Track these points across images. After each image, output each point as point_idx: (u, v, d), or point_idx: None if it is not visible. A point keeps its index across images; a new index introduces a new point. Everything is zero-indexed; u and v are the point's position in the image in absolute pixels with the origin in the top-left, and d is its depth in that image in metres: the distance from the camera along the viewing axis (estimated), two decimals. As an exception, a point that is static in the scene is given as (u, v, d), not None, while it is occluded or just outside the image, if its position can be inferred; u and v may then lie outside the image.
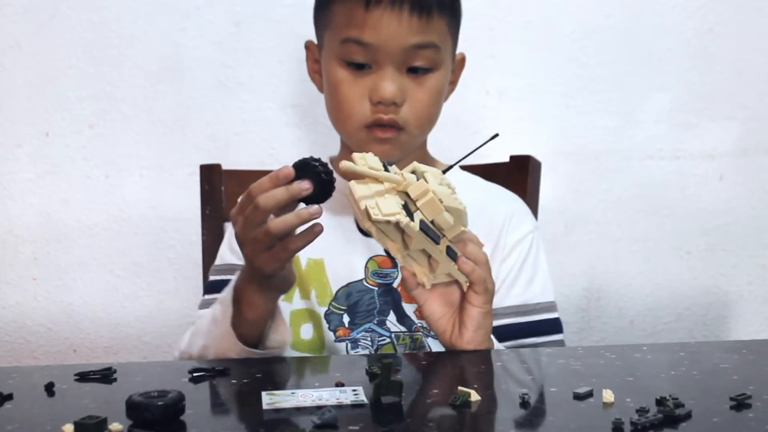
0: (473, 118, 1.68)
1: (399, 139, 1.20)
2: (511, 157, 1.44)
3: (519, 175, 1.41)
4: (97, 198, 1.68)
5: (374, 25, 1.15)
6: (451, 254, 1.01)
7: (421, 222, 0.96)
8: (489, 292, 1.05)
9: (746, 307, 1.76)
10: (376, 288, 1.22)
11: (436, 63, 1.20)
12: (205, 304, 1.26)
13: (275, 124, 1.67)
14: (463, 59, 1.31)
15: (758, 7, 1.69)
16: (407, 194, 0.96)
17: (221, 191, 1.44)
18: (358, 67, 1.18)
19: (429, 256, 1.01)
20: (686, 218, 1.73)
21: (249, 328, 1.07)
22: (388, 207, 0.93)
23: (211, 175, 1.45)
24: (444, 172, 1.01)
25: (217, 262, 1.30)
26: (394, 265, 1.22)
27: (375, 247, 1.23)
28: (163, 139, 1.67)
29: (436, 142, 1.37)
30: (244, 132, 1.67)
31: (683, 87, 1.70)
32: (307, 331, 1.23)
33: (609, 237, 1.73)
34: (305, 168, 0.96)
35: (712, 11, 1.68)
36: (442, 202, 0.96)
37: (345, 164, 0.94)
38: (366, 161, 0.97)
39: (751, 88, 1.71)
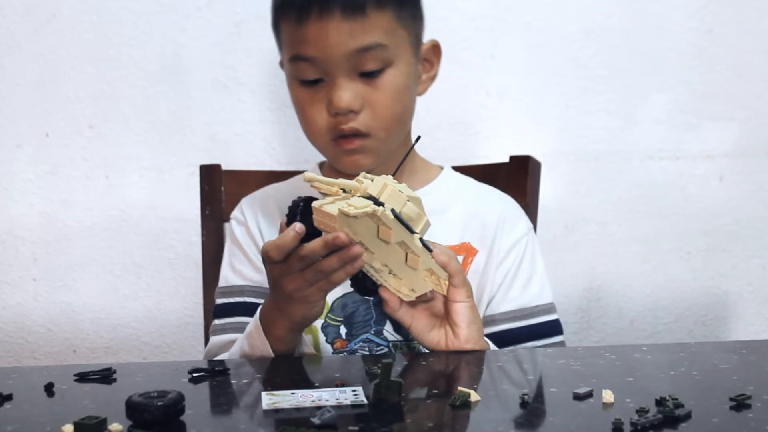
0: (473, 118, 1.68)
1: (367, 146, 1.17)
2: (511, 158, 1.44)
3: (519, 176, 1.41)
4: (97, 198, 1.68)
5: (311, 38, 1.13)
6: (426, 246, 1.01)
7: (392, 211, 0.97)
8: (467, 285, 1.06)
9: (746, 307, 1.76)
10: (372, 298, 1.21)
11: (387, 61, 1.16)
12: (218, 329, 1.25)
13: (275, 124, 1.67)
14: (434, 46, 1.25)
15: (758, 8, 1.69)
16: (370, 196, 0.97)
17: (221, 191, 1.44)
18: (313, 83, 1.16)
19: (406, 257, 1.01)
20: (686, 218, 1.73)
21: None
22: (360, 202, 0.95)
23: (211, 175, 1.45)
24: (393, 174, 1.02)
25: (221, 284, 1.29)
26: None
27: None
28: (163, 139, 1.67)
29: (436, 142, 1.37)
30: (244, 132, 1.67)
31: (683, 87, 1.70)
32: (305, 343, 1.23)
33: (609, 237, 1.73)
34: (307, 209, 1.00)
35: (712, 11, 1.68)
36: (402, 192, 0.97)
37: (307, 175, 0.99)
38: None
39: (751, 88, 1.71)
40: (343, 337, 1.21)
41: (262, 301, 1.22)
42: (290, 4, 1.16)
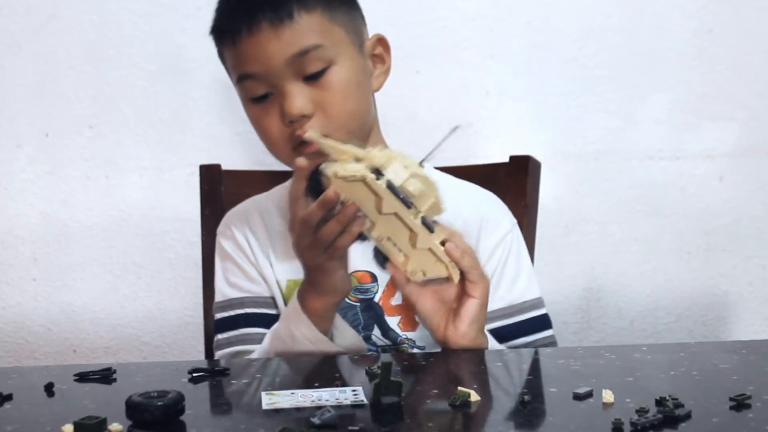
0: (473, 118, 1.68)
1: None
2: (511, 158, 1.43)
3: (519, 176, 1.41)
4: (97, 198, 1.68)
5: (248, 55, 1.14)
6: (427, 225, 1.01)
7: (388, 182, 0.97)
8: (485, 279, 1.06)
9: (746, 307, 1.76)
10: (359, 303, 1.21)
11: (327, 60, 1.15)
12: (223, 344, 1.24)
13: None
14: (379, 39, 1.24)
15: (758, 8, 1.69)
16: (377, 170, 0.98)
17: (221, 191, 1.44)
18: (262, 99, 1.16)
19: (409, 234, 1.01)
20: (686, 218, 1.73)
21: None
22: (355, 168, 0.97)
23: (211, 175, 1.45)
24: (420, 163, 1.02)
25: (218, 298, 1.28)
26: (373, 279, 1.22)
27: (354, 262, 1.21)
28: (163, 139, 1.67)
29: (436, 142, 1.36)
30: (244, 132, 1.67)
31: (683, 87, 1.70)
32: None
33: (609, 237, 1.72)
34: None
35: (712, 11, 1.68)
36: (407, 168, 0.99)
37: (310, 135, 1.06)
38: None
39: (751, 88, 1.70)
40: None
41: (262, 311, 1.23)
42: (222, 30, 1.18)
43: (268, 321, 1.21)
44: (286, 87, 1.13)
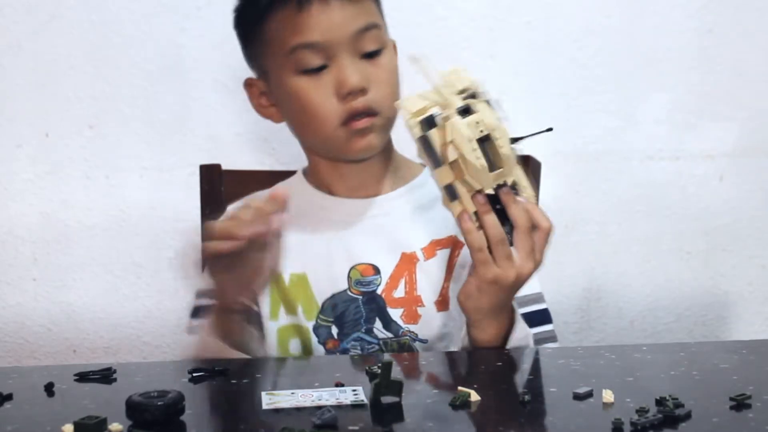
0: (473, 118, 1.67)
1: (377, 124, 1.18)
2: (511, 157, 1.43)
3: (519, 175, 1.41)
4: (97, 198, 1.68)
5: (314, 23, 1.15)
6: (450, 193, 1.01)
7: (423, 137, 0.99)
8: (487, 265, 1.02)
9: (746, 307, 1.76)
10: (361, 297, 1.21)
11: (383, 42, 1.19)
12: (193, 330, 1.23)
13: (275, 124, 1.67)
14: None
15: (758, 7, 1.69)
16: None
17: (221, 191, 1.44)
18: (316, 71, 1.17)
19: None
20: (686, 218, 1.73)
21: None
22: (415, 104, 1.00)
23: (211, 175, 1.45)
24: (513, 141, 1.01)
25: (200, 287, 1.26)
26: (376, 272, 1.22)
27: (356, 255, 1.22)
28: (163, 139, 1.67)
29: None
30: (244, 132, 1.67)
31: (683, 87, 1.70)
32: (295, 347, 1.22)
33: (609, 237, 1.72)
34: None
35: (712, 11, 1.68)
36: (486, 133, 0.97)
37: (413, 56, 1.05)
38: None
39: (751, 88, 1.71)
40: (335, 337, 1.21)
41: None
42: None
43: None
44: (345, 60, 1.15)
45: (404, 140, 1.27)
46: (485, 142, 0.98)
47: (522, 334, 1.09)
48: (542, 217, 1.04)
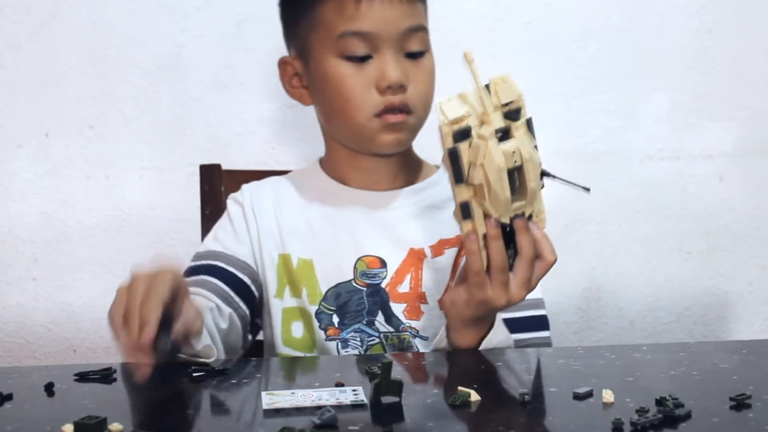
0: (473, 118, 1.67)
1: (409, 122, 1.20)
2: (511, 157, 1.43)
3: (519, 175, 1.40)
4: (97, 198, 1.68)
5: (369, 14, 1.17)
6: (465, 211, 0.98)
7: (454, 149, 0.96)
8: (481, 288, 1.01)
9: (746, 307, 1.76)
10: (365, 288, 1.21)
11: (427, 45, 1.22)
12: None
13: (275, 124, 1.67)
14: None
15: (758, 7, 1.69)
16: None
17: (221, 191, 1.44)
18: (360, 60, 1.18)
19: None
20: (686, 218, 1.73)
21: None
22: (454, 111, 0.99)
23: (211, 175, 1.45)
24: (542, 176, 0.99)
25: (200, 249, 1.29)
26: (383, 265, 1.22)
27: (363, 247, 1.22)
28: (163, 139, 1.67)
29: (437, 142, 1.36)
30: (244, 132, 1.67)
31: (683, 87, 1.70)
32: (297, 329, 1.23)
33: (609, 237, 1.72)
34: None
35: (712, 11, 1.68)
36: (517, 154, 0.96)
37: (467, 54, 1.08)
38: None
39: (751, 88, 1.71)
40: (336, 325, 1.21)
41: (231, 269, 1.23)
42: None
43: (232, 280, 1.22)
44: (390, 54, 1.18)
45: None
46: (515, 170, 0.97)
47: (501, 337, 1.09)
48: (549, 250, 1.02)
